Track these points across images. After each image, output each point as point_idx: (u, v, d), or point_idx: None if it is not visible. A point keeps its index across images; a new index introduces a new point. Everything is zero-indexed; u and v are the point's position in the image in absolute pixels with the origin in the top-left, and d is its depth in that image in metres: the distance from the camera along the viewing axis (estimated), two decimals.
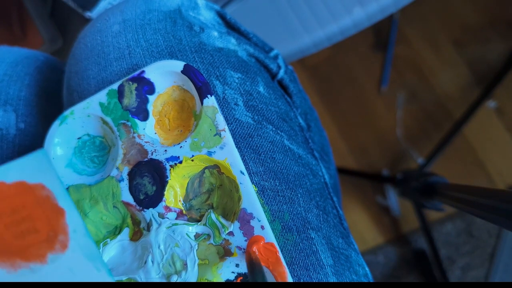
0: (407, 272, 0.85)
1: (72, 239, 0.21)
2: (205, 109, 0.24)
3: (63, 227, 0.21)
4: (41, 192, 0.20)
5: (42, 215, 0.20)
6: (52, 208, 0.21)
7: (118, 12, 0.29)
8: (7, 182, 0.20)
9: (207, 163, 0.24)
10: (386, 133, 0.87)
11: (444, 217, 0.84)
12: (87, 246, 0.21)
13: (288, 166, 0.27)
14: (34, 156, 0.20)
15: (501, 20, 0.85)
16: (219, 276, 0.23)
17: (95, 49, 0.28)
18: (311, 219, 0.26)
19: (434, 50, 0.87)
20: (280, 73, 0.32)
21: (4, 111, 0.31)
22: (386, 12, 0.51)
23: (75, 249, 0.21)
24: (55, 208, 0.21)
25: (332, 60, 0.89)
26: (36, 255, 0.21)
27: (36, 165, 0.20)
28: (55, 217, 0.21)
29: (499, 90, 0.83)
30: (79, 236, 0.21)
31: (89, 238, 0.21)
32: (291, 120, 0.30)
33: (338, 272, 0.25)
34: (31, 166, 0.20)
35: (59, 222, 0.21)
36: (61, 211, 0.21)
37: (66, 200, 0.21)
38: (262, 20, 0.53)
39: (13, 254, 0.20)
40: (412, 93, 0.87)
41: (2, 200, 0.20)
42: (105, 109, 0.25)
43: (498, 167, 0.84)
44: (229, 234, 0.23)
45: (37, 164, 0.20)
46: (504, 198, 0.33)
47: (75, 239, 0.21)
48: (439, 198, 0.51)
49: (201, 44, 0.27)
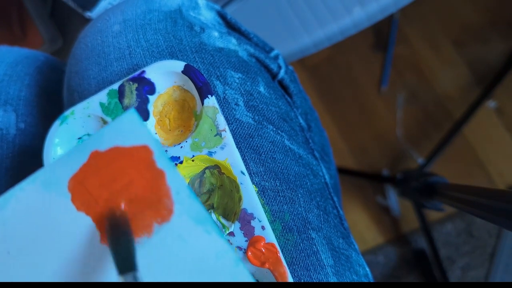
0: (407, 272, 0.85)
1: (176, 202, 0.19)
2: (206, 109, 0.24)
3: (166, 190, 0.19)
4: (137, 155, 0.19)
5: (143, 180, 0.19)
6: (151, 170, 0.19)
7: (119, 12, 0.29)
8: (101, 150, 0.19)
9: (207, 163, 0.24)
10: (386, 133, 0.87)
11: (444, 217, 0.84)
12: (194, 208, 0.19)
13: (289, 166, 0.27)
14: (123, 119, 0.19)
15: (501, 20, 0.85)
16: None
17: (96, 49, 0.28)
18: (312, 219, 0.26)
19: (434, 50, 0.87)
20: (280, 73, 0.32)
21: (4, 111, 0.31)
22: (386, 12, 0.51)
23: (181, 213, 0.19)
24: (154, 170, 0.19)
25: (332, 60, 0.89)
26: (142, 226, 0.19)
27: (127, 128, 0.19)
28: (156, 180, 0.19)
29: (499, 90, 0.83)
30: (183, 197, 0.19)
31: (194, 199, 0.19)
32: (291, 120, 0.30)
33: (338, 272, 0.25)
34: (122, 129, 0.19)
35: (161, 185, 0.19)
36: (161, 173, 0.19)
37: (164, 160, 0.19)
38: (262, 20, 0.53)
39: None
40: (412, 93, 0.87)
41: (100, 170, 0.19)
42: (106, 109, 0.25)
43: (498, 167, 0.84)
44: (229, 235, 0.23)
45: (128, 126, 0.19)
46: (504, 198, 0.33)
47: (180, 201, 0.19)
48: (439, 198, 0.51)
49: (201, 44, 0.27)
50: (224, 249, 0.19)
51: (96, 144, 0.19)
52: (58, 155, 0.26)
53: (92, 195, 0.19)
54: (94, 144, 0.19)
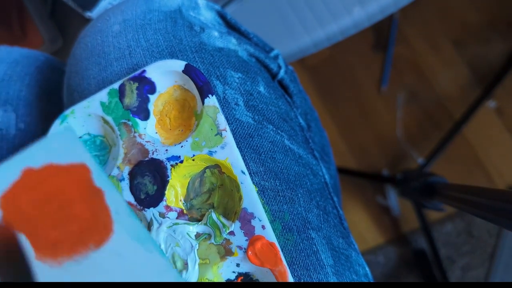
0: (407, 272, 0.85)
1: (116, 221, 0.18)
2: (206, 108, 0.24)
3: (104, 209, 0.18)
4: (74, 173, 0.18)
5: (79, 198, 0.18)
6: (88, 189, 0.18)
7: (119, 12, 0.29)
8: (35, 167, 0.18)
9: (208, 163, 0.24)
10: (386, 133, 0.87)
11: (444, 217, 0.84)
12: (133, 227, 0.19)
13: (289, 166, 0.27)
14: (58, 135, 0.18)
15: (501, 20, 0.85)
16: (220, 276, 0.23)
17: (96, 49, 0.28)
18: (312, 219, 0.26)
19: (434, 50, 0.87)
20: (280, 73, 0.32)
21: (4, 111, 0.31)
22: (386, 12, 0.51)
23: (121, 231, 0.18)
24: (92, 189, 0.18)
25: (332, 60, 0.89)
26: (79, 244, 0.18)
27: (63, 144, 0.18)
28: (93, 199, 0.18)
29: (499, 90, 0.83)
30: (123, 217, 0.19)
31: (134, 218, 0.19)
32: (291, 120, 0.30)
33: (338, 272, 0.25)
34: (57, 146, 0.18)
35: (99, 204, 0.18)
36: (99, 191, 0.18)
37: (102, 178, 0.18)
38: (262, 20, 0.53)
39: (54, 247, 0.18)
40: (412, 93, 0.87)
41: (33, 188, 0.18)
42: (106, 108, 0.25)
43: (498, 167, 0.84)
44: (230, 234, 0.23)
45: (64, 142, 0.18)
46: (504, 198, 0.33)
47: (119, 221, 0.19)
48: (439, 198, 0.51)
49: (201, 44, 0.27)
50: (166, 267, 0.19)
51: (29, 161, 0.18)
52: None
53: (26, 213, 0.18)
54: (27, 160, 0.18)
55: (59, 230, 0.18)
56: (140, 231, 0.19)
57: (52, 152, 0.18)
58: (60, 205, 0.18)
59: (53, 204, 0.18)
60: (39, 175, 0.18)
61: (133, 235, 0.19)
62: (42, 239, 0.18)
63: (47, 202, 0.18)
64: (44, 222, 0.18)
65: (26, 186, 0.18)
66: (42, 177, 0.18)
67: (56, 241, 0.18)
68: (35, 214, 0.18)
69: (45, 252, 0.18)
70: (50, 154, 0.18)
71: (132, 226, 0.19)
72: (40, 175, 0.18)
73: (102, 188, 0.18)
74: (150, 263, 0.19)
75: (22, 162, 0.18)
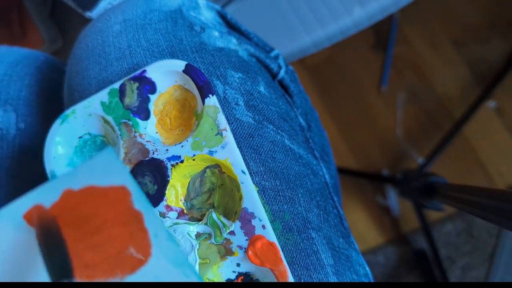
0: (407, 272, 0.85)
1: (154, 244, 0.18)
2: (207, 108, 0.24)
3: (143, 232, 0.18)
4: (114, 195, 0.18)
5: (118, 221, 0.18)
6: (128, 212, 0.18)
7: (119, 12, 0.29)
8: (74, 188, 0.18)
9: (208, 163, 0.24)
10: (386, 133, 0.87)
11: (444, 217, 0.84)
12: (172, 251, 0.18)
13: (289, 166, 0.27)
14: (101, 157, 0.18)
15: (501, 20, 0.85)
16: (220, 276, 0.23)
17: (96, 49, 0.28)
18: (312, 218, 0.26)
19: (434, 50, 0.87)
20: (280, 73, 0.32)
21: (4, 111, 0.31)
22: (386, 12, 0.51)
23: (159, 255, 0.18)
24: (131, 211, 0.18)
25: (332, 60, 0.89)
26: (116, 267, 0.18)
27: (104, 166, 0.18)
28: (132, 221, 0.18)
29: (499, 90, 0.83)
30: (161, 240, 0.18)
31: (172, 242, 0.18)
32: (291, 120, 0.30)
33: (338, 272, 0.25)
34: (99, 167, 0.18)
35: (138, 227, 0.18)
36: (138, 214, 0.18)
37: (141, 200, 0.18)
38: (262, 20, 0.53)
39: (90, 268, 0.18)
40: (412, 93, 0.87)
41: (72, 209, 0.18)
42: (107, 108, 0.25)
43: (498, 167, 0.84)
44: (230, 234, 0.23)
45: (105, 165, 0.18)
46: (504, 198, 0.33)
47: (158, 244, 0.19)
48: (439, 198, 0.51)
49: (202, 44, 0.27)
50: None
51: (70, 182, 0.18)
52: (58, 154, 0.26)
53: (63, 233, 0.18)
54: (68, 182, 0.18)
55: (96, 251, 0.18)
56: (178, 255, 0.19)
57: (93, 174, 0.18)
58: (98, 227, 0.18)
59: (91, 225, 0.18)
60: (79, 197, 0.18)
61: (171, 259, 0.19)
62: (78, 260, 0.18)
63: (85, 222, 0.18)
64: (81, 243, 0.18)
65: (65, 207, 0.18)
66: (81, 198, 0.18)
67: (92, 263, 0.18)
68: (72, 234, 0.18)
69: (80, 273, 0.18)
70: (91, 176, 0.18)
71: (170, 249, 0.19)
72: (80, 196, 0.18)
73: (142, 211, 0.18)
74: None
75: (64, 184, 0.18)
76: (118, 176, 0.18)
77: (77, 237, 0.18)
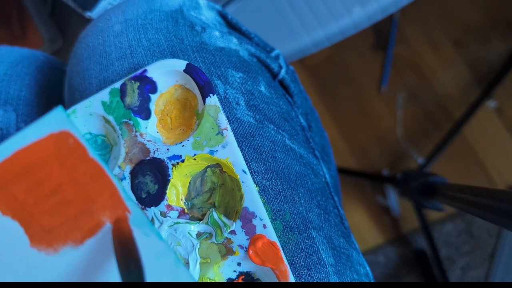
0: (407, 272, 0.85)
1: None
2: (207, 108, 0.24)
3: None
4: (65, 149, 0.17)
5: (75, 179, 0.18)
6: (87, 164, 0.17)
7: (120, 12, 0.29)
8: (20, 147, 0.17)
9: (209, 162, 0.24)
10: (386, 133, 0.87)
11: (444, 217, 0.84)
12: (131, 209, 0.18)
13: (290, 166, 0.27)
14: (49, 116, 0.18)
15: (501, 20, 0.85)
16: (221, 275, 0.23)
17: (97, 48, 0.28)
18: (313, 218, 0.26)
19: (434, 50, 0.87)
20: (281, 73, 0.32)
21: (4, 111, 0.31)
22: (386, 12, 0.51)
23: None
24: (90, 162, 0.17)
25: (332, 60, 0.89)
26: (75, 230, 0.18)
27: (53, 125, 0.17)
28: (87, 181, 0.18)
29: (499, 90, 0.83)
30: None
31: (129, 200, 0.18)
32: (292, 119, 0.30)
33: (339, 272, 0.25)
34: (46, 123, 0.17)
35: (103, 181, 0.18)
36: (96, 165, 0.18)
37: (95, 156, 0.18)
38: (262, 20, 0.53)
39: (48, 234, 0.18)
40: (412, 93, 0.87)
41: (24, 172, 0.17)
42: (107, 107, 0.25)
43: (498, 167, 0.85)
44: (231, 233, 0.23)
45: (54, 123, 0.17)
46: (504, 198, 0.33)
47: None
48: (439, 198, 0.51)
49: (202, 44, 0.27)
50: (164, 250, 0.19)
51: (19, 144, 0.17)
52: None
53: (17, 199, 0.17)
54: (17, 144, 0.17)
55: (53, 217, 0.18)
56: (137, 214, 0.19)
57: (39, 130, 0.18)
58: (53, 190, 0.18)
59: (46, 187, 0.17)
60: (27, 156, 0.17)
61: (130, 219, 0.19)
62: (34, 226, 0.18)
63: (39, 185, 0.17)
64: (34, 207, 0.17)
65: (16, 169, 0.17)
66: (31, 157, 0.17)
67: (49, 228, 0.18)
68: (28, 198, 0.17)
69: (39, 240, 0.18)
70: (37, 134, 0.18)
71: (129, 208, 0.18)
72: (28, 155, 0.17)
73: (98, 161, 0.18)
74: (148, 246, 0.18)
75: (13, 145, 0.17)
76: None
77: (32, 200, 0.18)
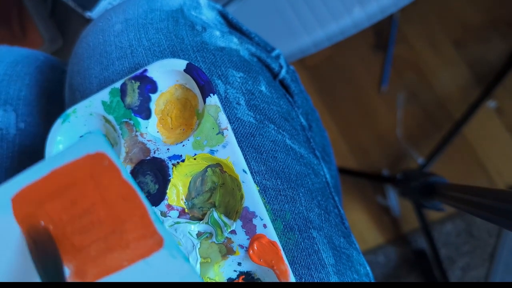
0: (407, 272, 0.85)
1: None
2: (208, 107, 0.24)
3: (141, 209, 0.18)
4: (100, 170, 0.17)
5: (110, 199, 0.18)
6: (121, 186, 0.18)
7: (121, 11, 0.29)
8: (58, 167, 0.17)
9: (209, 162, 0.24)
10: (386, 133, 0.87)
11: (444, 217, 0.84)
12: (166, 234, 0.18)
13: (290, 165, 0.27)
14: (86, 138, 0.18)
15: (501, 20, 0.85)
16: (221, 275, 0.23)
17: (97, 48, 0.28)
18: (313, 218, 0.26)
19: (434, 50, 0.87)
20: (282, 73, 0.32)
21: (4, 110, 0.31)
22: (386, 12, 0.51)
23: None
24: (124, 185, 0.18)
25: (332, 60, 0.89)
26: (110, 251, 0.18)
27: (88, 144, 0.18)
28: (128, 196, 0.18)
29: (499, 90, 0.83)
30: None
31: (159, 223, 0.18)
32: (292, 119, 0.30)
33: (339, 272, 0.25)
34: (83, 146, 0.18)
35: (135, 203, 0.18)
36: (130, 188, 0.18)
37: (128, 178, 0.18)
38: (262, 20, 0.53)
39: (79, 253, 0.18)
40: (412, 93, 0.87)
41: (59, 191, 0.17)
42: (108, 107, 0.25)
43: (498, 167, 0.85)
44: (231, 233, 0.23)
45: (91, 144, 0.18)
46: (504, 198, 0.33)
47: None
48: (439, 198, 0.51)
49: (203, 44, 0.27)
50: (189, 273, 0.18)
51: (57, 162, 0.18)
52: None
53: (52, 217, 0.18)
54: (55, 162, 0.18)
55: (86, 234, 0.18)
56: (165, 237, 0.18)
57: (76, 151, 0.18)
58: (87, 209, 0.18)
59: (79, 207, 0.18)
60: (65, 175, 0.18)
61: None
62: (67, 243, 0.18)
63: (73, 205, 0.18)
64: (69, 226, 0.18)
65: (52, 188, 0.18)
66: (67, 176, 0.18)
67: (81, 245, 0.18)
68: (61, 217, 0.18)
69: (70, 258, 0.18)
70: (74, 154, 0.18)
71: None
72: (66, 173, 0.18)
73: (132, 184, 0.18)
74: (174, 269, 0.18)
75: (51, 164, 0.18)
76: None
77: (66, 219, 0.18)
